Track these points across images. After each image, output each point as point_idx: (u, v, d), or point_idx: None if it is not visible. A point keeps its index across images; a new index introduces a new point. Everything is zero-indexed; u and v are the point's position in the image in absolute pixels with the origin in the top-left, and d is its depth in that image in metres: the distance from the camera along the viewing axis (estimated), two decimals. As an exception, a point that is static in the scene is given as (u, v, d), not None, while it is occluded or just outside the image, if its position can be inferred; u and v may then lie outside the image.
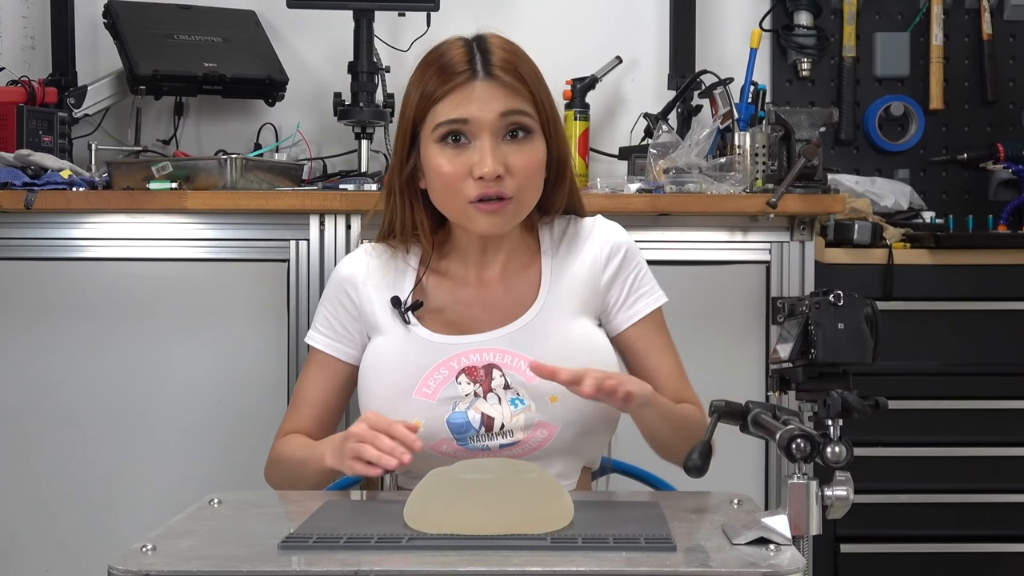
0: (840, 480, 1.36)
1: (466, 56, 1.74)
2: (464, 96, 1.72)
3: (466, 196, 1.73)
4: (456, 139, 1.73)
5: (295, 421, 1.87)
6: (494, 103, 1.72)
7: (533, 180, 1.76)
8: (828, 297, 1.43)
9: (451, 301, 1.82)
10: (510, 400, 1.73)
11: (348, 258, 1.90)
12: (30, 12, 3.23)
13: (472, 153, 1.72)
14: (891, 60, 3.33)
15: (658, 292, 1.87)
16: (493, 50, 1.75)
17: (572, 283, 1.82)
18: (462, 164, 1.72)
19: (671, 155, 2.73)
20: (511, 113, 1.73)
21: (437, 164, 1.74)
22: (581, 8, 3.31)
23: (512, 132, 1.74)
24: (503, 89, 1.73)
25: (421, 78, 1.76)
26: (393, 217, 1.84)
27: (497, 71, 1.73)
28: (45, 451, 2.67)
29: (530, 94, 1.75)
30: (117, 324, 2.67)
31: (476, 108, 1.72)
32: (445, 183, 1.74)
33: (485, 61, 1.74)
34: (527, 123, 1.74)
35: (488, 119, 1.71)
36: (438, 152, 1.74)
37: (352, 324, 1.84)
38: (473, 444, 1.72)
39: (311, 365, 1.88)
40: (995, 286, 2.81)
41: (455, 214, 1.77)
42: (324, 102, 3.13)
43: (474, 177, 1.71)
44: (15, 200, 2.57)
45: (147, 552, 1.29)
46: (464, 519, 1.36)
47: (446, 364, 1.75)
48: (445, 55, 1.76)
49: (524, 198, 1.76)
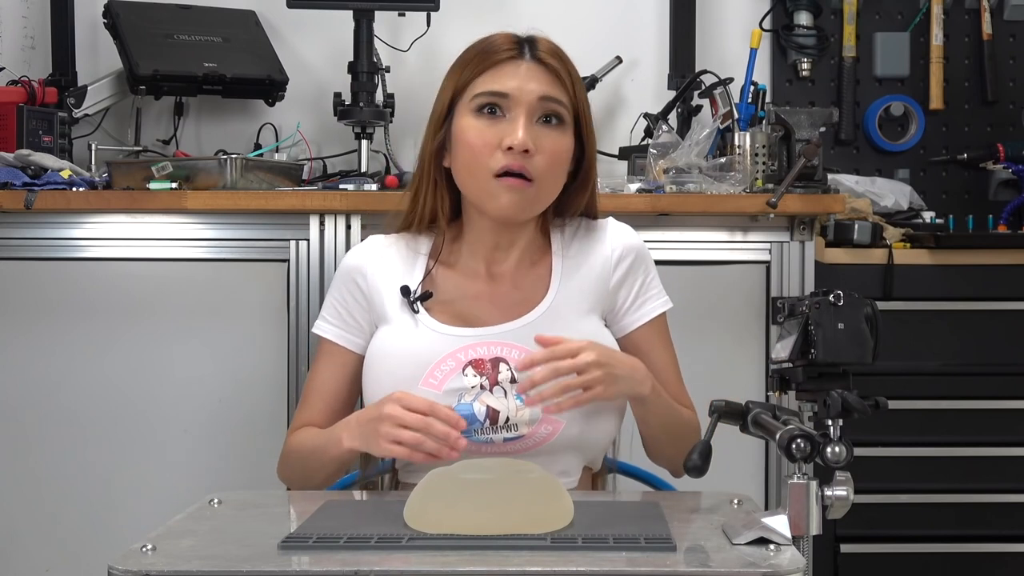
0: (840, 480, 1.36)
1: (513, 40, 1.79)
2: (508, 71, 1.76)
3: (491, 167, 1.73)
4: (492, 111, 1.75)
5: (307, 414, 1.86)
6: (535, 84, 1.75)
7: (557, 168, 1.78)
8: (828, 297, 1.43)
9: (460, 294, 1.82)
10: (516, 394, 1.73)
11: (357, 247, 1.90)
12: (30, 12, 3.23)
13: (505, 126, 1.74)
14: (891, 60, 3.33)
15: (664, 296, 1.88)
16: (540, 40, 1.80)
17: (582, 282, 1.82)
18: (494, 135, 1.74)
19: (671, 155, 2.73)
20: (549, 100, 1.75)
21: (468, 133, 1.75)
22: (581, 8, 3.31)
23: (547, 117, 1.76)
24: (546, 74, 1.76)
25: (463, 59, 1.80)
26: (416, 199, 1.84)
27: (543, 55, 1.77)
28: (45, 451, 2.67)
29: (571, 87, 1.78)
30: (117, 324, 2.67)
31: (517, 84, 1.75)
32: (473, 152, 1.75)
33: (532, 46, 1.78)
34: (562, 113, 1.77)
35: (527, 98, 1.74)
36: (472, 121, 1.76)
37: (361, 314, 1.84)
38: (477, 437, 1.72)
39: (321, 356, 1.88)
40: (995, 286, 2.81)
41: (477, 186, 1.77)
42: (324, 102, 3.13)
43: (503, 148, 1.73)
44: (15, 200, 2.57)
45: (147, 552, 1.29)
46: (464, 519, 1.36)
47: (453, 356, 1.75)
48: (491, 39, 1.80)
49: (545, 185, 1.77)
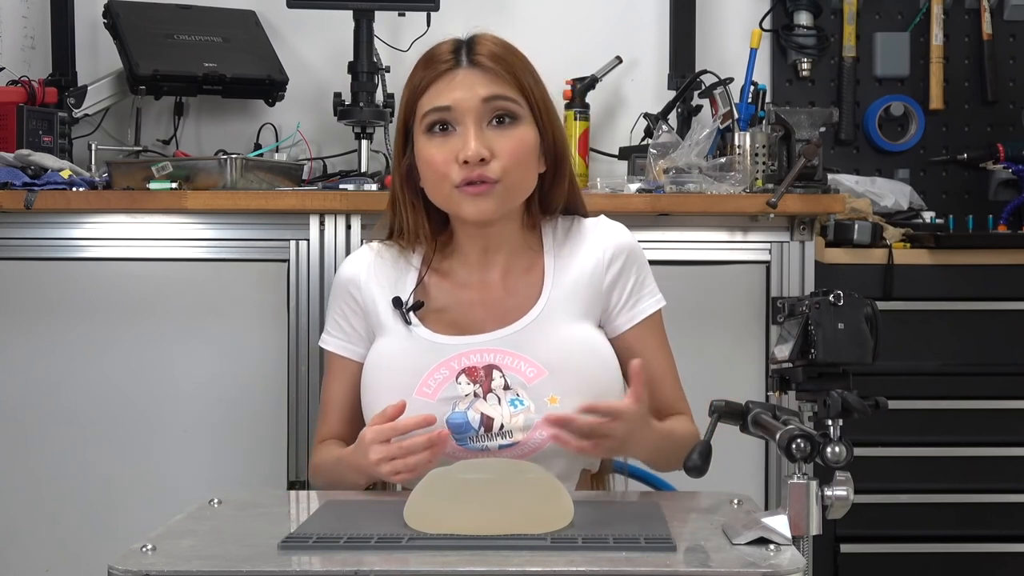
0: (840, 480, 1.36)
1: (452, 48, 1.77)
2: (446, 84, 1.74)
3: (452, 181, 1.73)
4: (443, 128, 1.75)
5: (326, 429, 1.89)
6: (476, 88, 1.74)
7: (520, 163, 1.76)
8: (828, 297, 1.43)
9: (453, 302, 1.82)
10: (510, 401, 1.73)
11: (350, 259, 1.90)
12: (30, 12, 3.23)
13: (457, 139, 1.73)
14: (891, 60, 3.33)
15: (658, 295, 1.87)
16: (479, 42, 1.78)
17: (575, 285, 1.82)
18: (449, 151, 1.73)
19: (671, 155, 2.73)
20: (494, 98, 1.74)
21: (426, 154, 1.75)
22: (581, 8, 3.31)
23: (498, 118, 1.75)
24: (485, 75, 1.75)
25: (411, 76, 1.79)
26: (397, 219, 1.85)
27: (480, 58, 1.75)
28: (45, 451, 2.67)
29: (516, 80, 1.76)
30: (117, 324, 2.67)
31: (458, 94, 1.73)
32: (433, 171, 1.75)
33: (469, 51, 1.76)
34: (512, 109, 1.75)
35: (470, 104, 1.73)
36: (427, 142, 1.75)
37: (360, 324, 1.85)
38: (472, 444, 1.72)
39: (329, 370, 1.90)
40: (995, 286, 2.81)
41: (444, 202, 1.78)
42: (324, 102, 3.13)
43: (459, 162, 1.72)
44: (15, 200, 2.57)
45: (147, 552, 1.29)
46: (464, 519, 1.36)
47: (446, 364, 1.75)
48: (433, 50, 1.79)
49: (511, 181, 1.75)
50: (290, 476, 2.66)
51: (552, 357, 1.73)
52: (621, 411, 1.62)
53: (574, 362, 1.73)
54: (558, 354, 1.74)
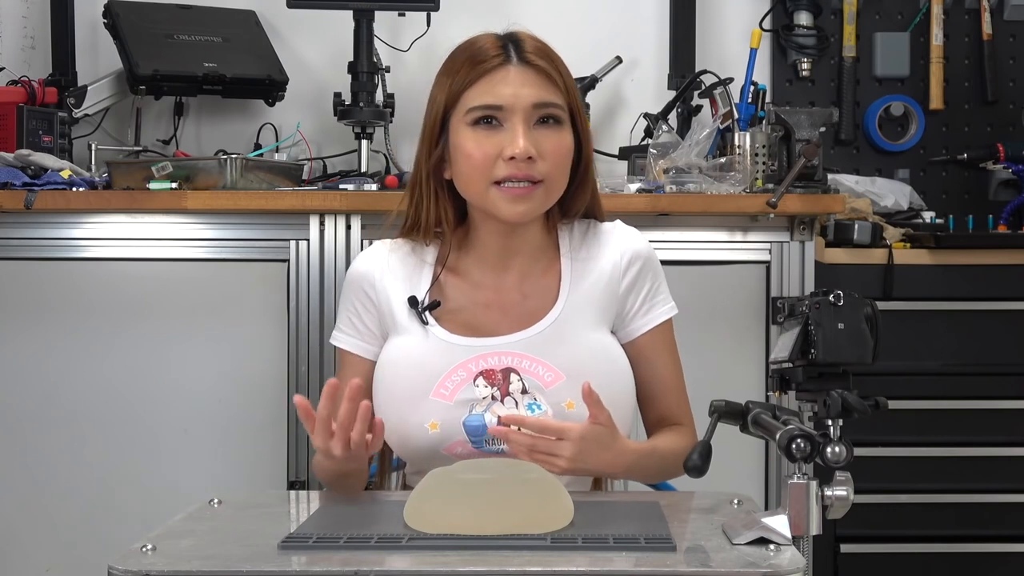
0: (840, 480, 1.36)
1: (498, 44, 1.75)
2: (497, 80, 1.72)
3: (493, 177, 1.71)
4: (489, 122, 1.73)
5: None
6: (527, 89, 1.72)
7: (563, 166, 1.76)
8: (828, 297, 1.43)
9: (469, 302, 1.80)
10: (527, 405, 1.72)
11: (364, 255, 1.88)
12: (30, 12, 3.23)
13: (504, 135, 1.72)
14: (891, 60, 3.33)
15: (671, 303, 1.86)
16: (525, 40, 1.76)
17: (592, 289, 1.81)
18: (493, 146, 1.71)
19: (671, 155, 2.73)
20: (544, 105, 1.73)
21: (467, 146, 1.73)
22: (581, 8, 3.31)
23: (543, 119, 1.74)
24: (536, 76, 1.73)
25: (451, 68, 1.76)
26: (417, 210, 1.81)
27: (531, 56, 1.74)
28: (45, 451, 2.67)
29: (563, 85, 1.75)
30: (117, 324, 2.67)
31: (510, 93, 1.72)
32: (473, 165, 1.72)
33: (518, 48, 1.75)
34: (558, 114, 1.74)
35: (521, 105, 1.71)
36: (469, 135, 1.73)
37: (373, 322, 1.83)
38: (489, 447, 1.71)
39: (341, 367, 1.87)
40: (995, 286, 2.81)
41: (477, 198, 1.75)
42: (324, 102, 3.13)
43: (505, 158, 1.70)
44: (15, 200, 2.57)
45: (147, 552, 1.29)
46: (464, 519, 1.36)
47: (464, 366, 1.74)
48: (475, 44, 1.76)
49: (553, 184, 1.75)
50: (290, 476, 2.66)
51: (570, 362, 1.72)
52: (566, 431, 1.62)
53: (592, 368, 1.72)
54: (576, 360, 1.74)
